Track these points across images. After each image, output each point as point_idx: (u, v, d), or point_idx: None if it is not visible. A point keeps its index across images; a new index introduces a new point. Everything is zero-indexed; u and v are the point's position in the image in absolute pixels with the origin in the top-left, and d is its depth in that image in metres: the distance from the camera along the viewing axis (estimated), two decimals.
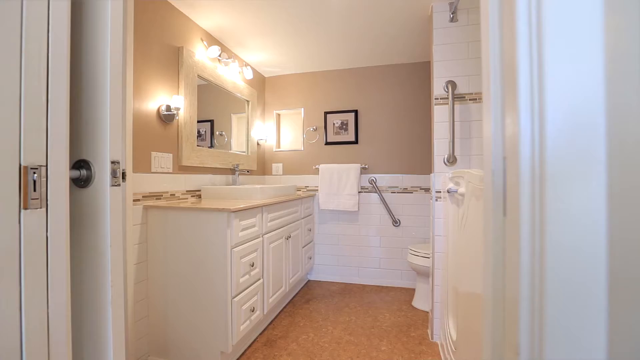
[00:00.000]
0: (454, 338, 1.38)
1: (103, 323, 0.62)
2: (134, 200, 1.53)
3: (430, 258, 1.89)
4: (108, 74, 0.64)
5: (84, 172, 0.66)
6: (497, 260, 0.33)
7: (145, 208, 1.60)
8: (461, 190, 1.24)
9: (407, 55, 2.61)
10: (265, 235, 1.86)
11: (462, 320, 1.24)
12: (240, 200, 1.89)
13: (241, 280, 1.57)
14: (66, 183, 0.59)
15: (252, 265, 1.68)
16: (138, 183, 1.56)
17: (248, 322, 1.63)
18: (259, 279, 1.79)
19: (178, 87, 1.85)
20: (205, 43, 2.10)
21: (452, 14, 1.75)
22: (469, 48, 1.75)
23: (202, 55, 2.07)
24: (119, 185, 0.67)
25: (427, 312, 2.20)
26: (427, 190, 2.68)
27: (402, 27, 2.12)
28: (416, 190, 2.72)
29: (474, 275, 1.02)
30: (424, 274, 2.21)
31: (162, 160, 1.72)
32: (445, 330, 1.57)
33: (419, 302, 2.31)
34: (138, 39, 1.56)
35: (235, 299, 1.51)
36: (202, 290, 1.52)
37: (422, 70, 2.71)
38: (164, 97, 1.75)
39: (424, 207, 2.69)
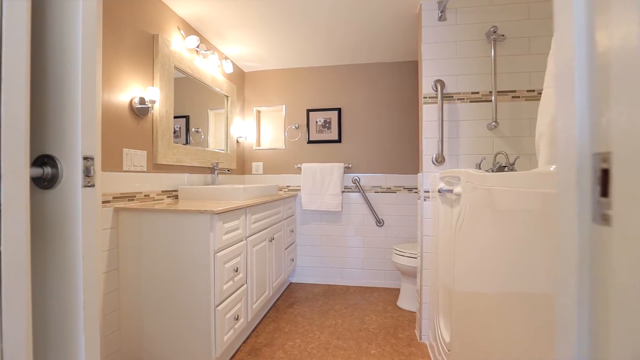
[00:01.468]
0: (447, 340, 1.36)
1: (74, 354, 0.51)
2: (103, 202, 1.38)
3: (418, 258, 1.88)
4: (79, 49, 0.53)
5: (48, 169, 0.55)
6: (583, 274, 0.28)
7: (116, 210, 1.45)
8: (457, 190, 1.21)
9: (392, 54, 2.59)
10: (249, 238, 1.76)
11: (458, 321, 1.21)
12: (221, 201, 1.78)
13: (225, 287, 1.46)
14: (25, 183, 0.47)
15: (236, 271, 1.57)
16: (108, 183, 1.41)
17: (232, 331, 1.53)
18: (243, 285, 1.68)
19: (153, 78, 1.70)
20: (182, 32, 1.95)
21: (441, 12, 1.74)
22: (457, 48, 1.75)
23: (179, 45, 1.92)
24: (93, 185, 0.56)
25: (413, 313, 2.19)
26: (411, 190, 2.68)
27: (389, 25, 2.09)
28: (399, 190, 2.71)
29: (476, 276, 0.99)
30: (410, 274, 2.20)
31: (135, 157, 1.57)
32: (436, 331, 1.56)
33: (404, 303, 2.30)
34: (107, 22, 1.41)
35: (218, 308, 1.40)
36: (182, 299, 1.39)
37: (407, 70, 2.71)
38: (137, 88, 1.59)
39: (407, 206, 2.69)
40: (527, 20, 1.69)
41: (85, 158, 0.55)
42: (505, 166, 1.57)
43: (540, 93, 1.66)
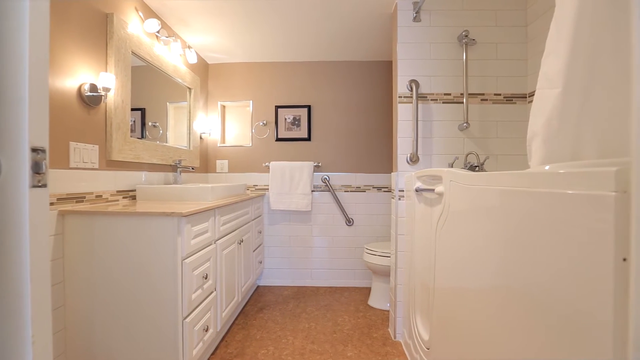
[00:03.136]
0: (426, 338, 1.37)
1: None
2: None
3: (392, 257, 1.89)
4: (27, 12, 0.41)
5: None
6: None
7: (62, 214, 1.25)
8: (439, 189, 1.22)
9: (364, 53, 2.59)
10: (219, 241, 1.63)
11: (439, 319, 1.22)
12: (187, 201, 1.62)
13: (193, 296, 1.33)
14: None
15: (206, 278, 1.44)
16: (51, 181, 1.20)
17: (201, 343, 1.39)
18: (212, 292, 1.55)
19: (106, 62, 1.50)
20: (141, 14, 1.75)
21: (416, 13, 1.75)
22: (431, 49, 1.78)
23: (137, 28, 1.72)
24: (44, 185, 0.44)
25: (385, 311, 2.21)
26: (380, 189, 2.70)
27: (363, 23, 2.07)
28: (369, 189, 2.72)
29: (463, 274, 0.99)
30: (382, 273, 2.20)
31: (84, 153, 1.36)
32: (412, 329, 1.57)
33: (375, 302, 2.31)
34: None
35: (187, 320, 1.27)
36: (144, 313, 1.24)
37: (378, 70, 2.72)
38: (87, 74, 1.39)
39: (377, 205, 2.71)
40: (495, 27, 1.77)
41: (34, 150, 0.43)
42: (476, 166, 1.62)
43: (507, 97, 1.75)
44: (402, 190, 1.79)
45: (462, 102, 1.75)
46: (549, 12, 1.61)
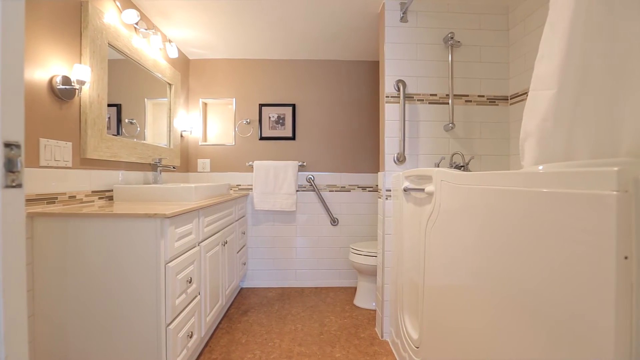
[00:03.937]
0: (415, 336, 1.38)
1: None
2: None
3: (379, 256, 1.89)
4: None
5: None
6: None
7: (31, 216, 1.15)
8: (429, 189, 1.22)
9: (350, 52, 2.58)
10: (202, 243, 1.57)
11: (429, 318, 1.22)
12: (169, 202, 1.55)
13: (177, 301, 1.27)
14: None
15: (190, 282, 1.38)
16: None
17: (185, 350, 1.33)
18: (196, 296, 1.49)
19: (81, 54, 1.40)
20: (118, 4, 1.65)
21: (403, 13, 1.76)
22: (417, 50, 1.79)
23: (114, 18, 1.62)
24: (19, 185, 0.39)
25: (371, 310, 2.21)
26: (365, 188, 2.71)
27: (350, 22, 2.06)
28: (354, 189, 2.72)
29: (456, 273, 1.00)
30: (368, 272, 2.21)
31: (56, 150, 1.27)
32: (401, 328, 1.57)
33: (361, 301, 2.31)
34: None
35: (170, 326, 1.21)
36: (123, 322, 1.16)
37: (364, 70, 2.72)
38: (60, 65, 1.29)
39: (362, 205, 2.71)
40: (479, 30, 1.81)
41: (7, 145, 0.38)
42: (462, 166, 1.65)
43: (490, 99, 1.79)
44: (389, 190, 1.79)
45: (448, 103, 1.78)
46: (529, 17, 1.66)
